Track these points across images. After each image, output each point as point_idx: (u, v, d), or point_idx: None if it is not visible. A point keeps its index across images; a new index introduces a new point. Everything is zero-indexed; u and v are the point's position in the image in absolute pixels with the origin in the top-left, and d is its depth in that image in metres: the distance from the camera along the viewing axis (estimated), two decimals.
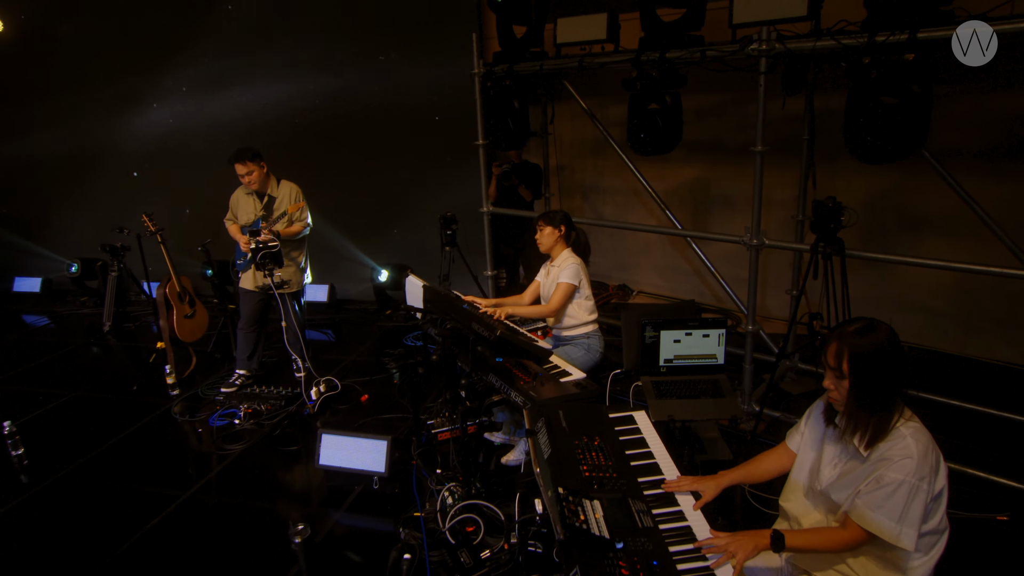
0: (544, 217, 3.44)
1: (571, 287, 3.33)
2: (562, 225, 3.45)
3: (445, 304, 3.11)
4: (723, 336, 2.59)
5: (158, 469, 3.68)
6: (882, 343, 1.65)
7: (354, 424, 4.04)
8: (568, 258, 3.40)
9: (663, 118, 3.56)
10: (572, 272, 3.33)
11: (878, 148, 2.81)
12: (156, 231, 4.76)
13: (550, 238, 3.46)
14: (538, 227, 3.46)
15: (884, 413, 1.68)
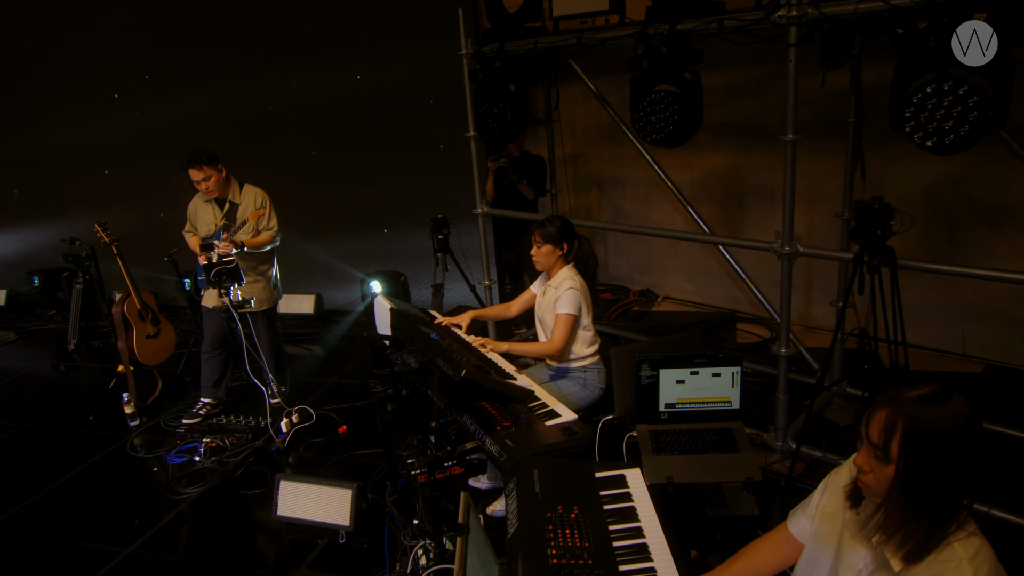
0: (541, 231, 3.15)
1: (572, 319, 3.06)
2: (564, 243, 3.16)
3: (413, 332, 2.88)
4: (738, 376, 2.30)
5: (101, 518, 3.54)
6: (956, 421, 1.27)
7: (327, 462, 3.85)
8: (567, 280, 3.11)
9: (677, 102, 3.25)
10: (572, 300, 3.05)
11: (940, 135, 2.47)
12: (111, 242, 4.64)
13: (549, 258, 3.18)
14: (534, 241, 3.18)
15: (940, 521, 1.30)
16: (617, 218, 6.21)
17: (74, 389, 5.27)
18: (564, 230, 3.16)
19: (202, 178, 4.11)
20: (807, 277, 5.10)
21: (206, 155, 4.06)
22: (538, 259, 3.20)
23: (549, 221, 3.17)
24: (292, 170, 6.11)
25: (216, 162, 4.14)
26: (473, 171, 4.52)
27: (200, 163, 4.06)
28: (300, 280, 6.31)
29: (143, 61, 6.28)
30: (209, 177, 4.11)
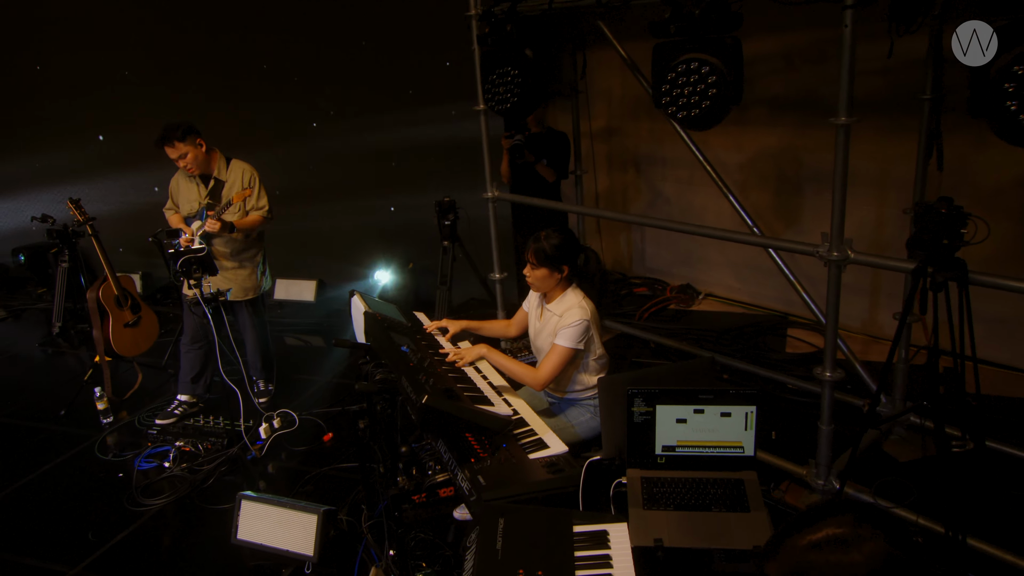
0: (536, 249, 2.86)
1: (570, 353, 2.80)
2: (563, 265, 2.86)
3: (384, 342, 2.71)
4: (753, 417, 2.05)
5: (53, 530, 3.52)
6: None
7: (306, 476, 3.75)
8: (575, 309, 2.82)
9: (713, 74, 2.96)
10: (577, 335, 2.78)
11: None
12: (85, 220, 4.61)
13: (545, 282, 2.90)
14: (527, 260, 2.91)
15: None
16: (656, 202, 5.92)
17: (52, 378, 5.31)
18: (564, 249, 2.86)
19: (178, 156, 4.01)
20: (873, 279, 4.74)
21: (181, 130, 3.94)
22: (532, 282, 2.93)
23: (546, 237, 2.87)
24: (293, 141, 6.02)
25: (195, 136, 4.03)
26: (483, 149, 4.31)
27: (173, 139, 3.95)
28: (301, 264, 6.25)
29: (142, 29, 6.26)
30: (186, 154, 4.01)
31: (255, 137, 6.01)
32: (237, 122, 6.07)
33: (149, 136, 4.02)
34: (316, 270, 6.27)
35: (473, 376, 2.79)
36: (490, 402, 2.50)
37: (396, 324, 3.03)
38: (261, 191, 4.23)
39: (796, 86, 4.73)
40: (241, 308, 4.41)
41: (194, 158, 4.03)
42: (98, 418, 4.49)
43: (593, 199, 6.20)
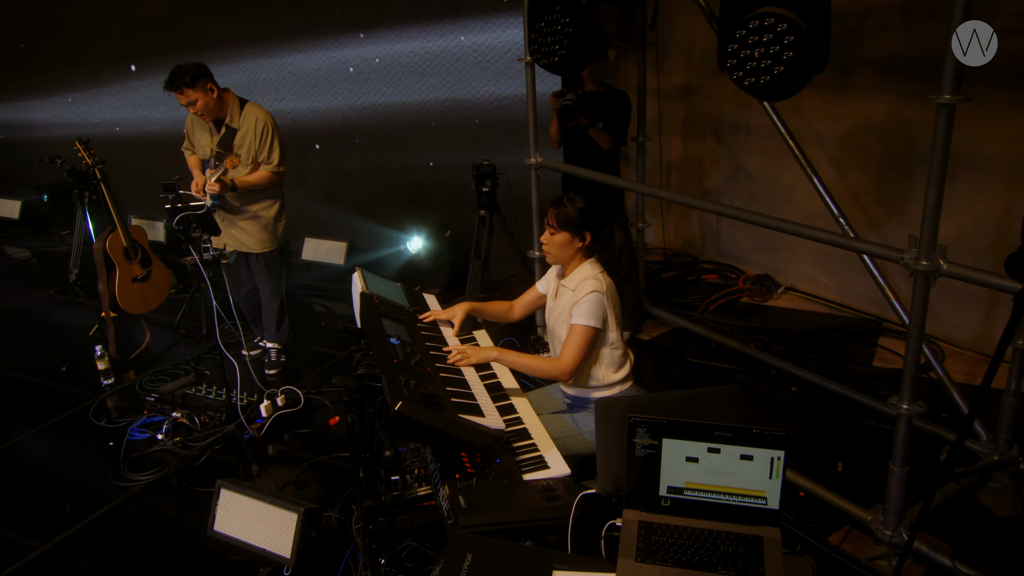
0: (557, 211, 2.75)
1: (591, 332, 2.67)
2: (585, 231, 2.75)
3: (375, 331, 2.62)
4: (780, 464, 1.84)
5: (33, 499, 3.63)
6: None
7: (305, 462, 3.74)
8: (589, 280, 2.71)
9: (792, 32, 2.68)
10: (592, 308, 2.66)
11: None
12: (94, 164, 4.70)
13: (564, 250, 2.79)
14: (546, 225, 2.80)
15: None
16: (736, 177, 5.61)
17: (62, 329, 5.51)
18: (587, 214, 2.75)
19: (187, 102, 4.05)
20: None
21: (190, 75, 3.94)
22: (549, 250, 2.83)
23: (569, 200, 2.77)
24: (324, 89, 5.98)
25: (206, 80, 4.04)
26: (528, 109, 4.12)
27: (181, 85, 3.98)
28: (332, 223, 6.27)
29: None
30: (195, 101, 4.04)
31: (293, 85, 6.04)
32: (272, 66, 6.08)
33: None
34: (348, 231, 6.26)
35: (471, 379, 2.67)
36: (481, 412, 2.37)
37: (394, 309, 2.93)
38: (274, 143, 4.21)
39: (913, 46, 4.31)
40: (254, 260, 4.46)
41: (204, 104, 4.05)
42: (98, 379, 4.61)
43: (663, 169, 5.94)
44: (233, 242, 4.41)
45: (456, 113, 5.62)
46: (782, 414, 3.97)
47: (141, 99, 6.98)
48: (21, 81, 7.78)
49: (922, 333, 2.67)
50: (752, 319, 5.02)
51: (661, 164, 5.79)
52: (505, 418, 2.65)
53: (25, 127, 8.01)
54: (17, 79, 7.78)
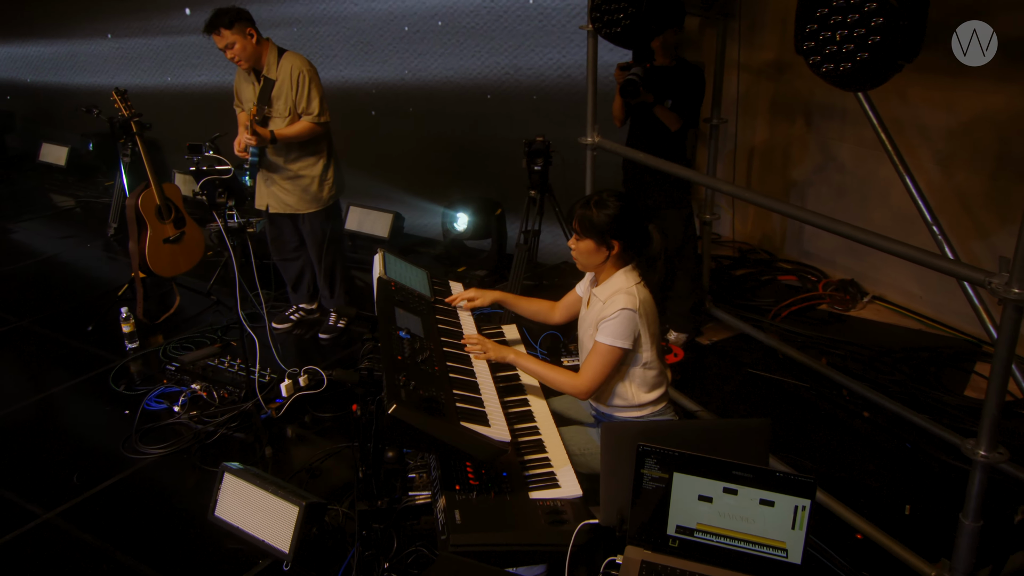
0: (582, 216, 2.64)
1: (615, 353, 2.58)
2: (612, 240, 2.63)
3: (386, 322, 2.60)
4: (806, 513, 1.72)
5: (41, 465, 3.79)
6: None
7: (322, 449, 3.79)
8: (621, 295, 2.60)
9: (881, 12, 2.52)
10: (621, 328, 2.56)
11: None
12: (130, 116, 4.82)
13: (590, 258, 2.69)
14: (572, 230, 2.71)
15: None
16: (827, 168, 5.38)
17: (94, 285, 5.72)
18: (618, 221, 2.61)
19: (225, 45, 4.15)
20: None
21: (228, 16, 4.04)
22: (576, 257, 2.74)
23: (597, 203, 2.63)
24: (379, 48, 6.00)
25: (245, 24, 4.13)
26: (587, 82, 4.02)
27: (219, 26, 4.10)
28: (379, 192, 6.32)
29: None
30: (233, 44, 4.14)
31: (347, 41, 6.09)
32: (326, 18, 6.14)
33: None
34: (395, 202, 6.30)
35: (483, 381, 2.62)
36: (486, 421, 2.33)
37: (412, 298, 2.91)
38: (312, 91, 4.26)
39: None
40: (301, 223, 4.58)
41: (242, 49, 4.14)
42: (123, 342, 4.77)
43: (744, 154, 5.74)
44: (276, 203, 4.51)
45: (514, 81, 5.56)
46: (848, 442, 3.80)
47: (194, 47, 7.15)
48: (70, 24, 8.07)
49: (1009, 368, 2.50)
50: (829, 330, 4.81)
51: (737, 149, 5.59)
52: (519, 427, 2.61)
53: (77, 71, 8.33)
54: (67, 21, 8.08)
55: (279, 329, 4.94)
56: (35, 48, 8.64)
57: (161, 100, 7.63)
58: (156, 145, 7.69)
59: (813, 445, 3.76)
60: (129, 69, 7.78)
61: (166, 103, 7.60)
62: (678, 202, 4.31)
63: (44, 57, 8.58)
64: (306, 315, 4.99)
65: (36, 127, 8.84)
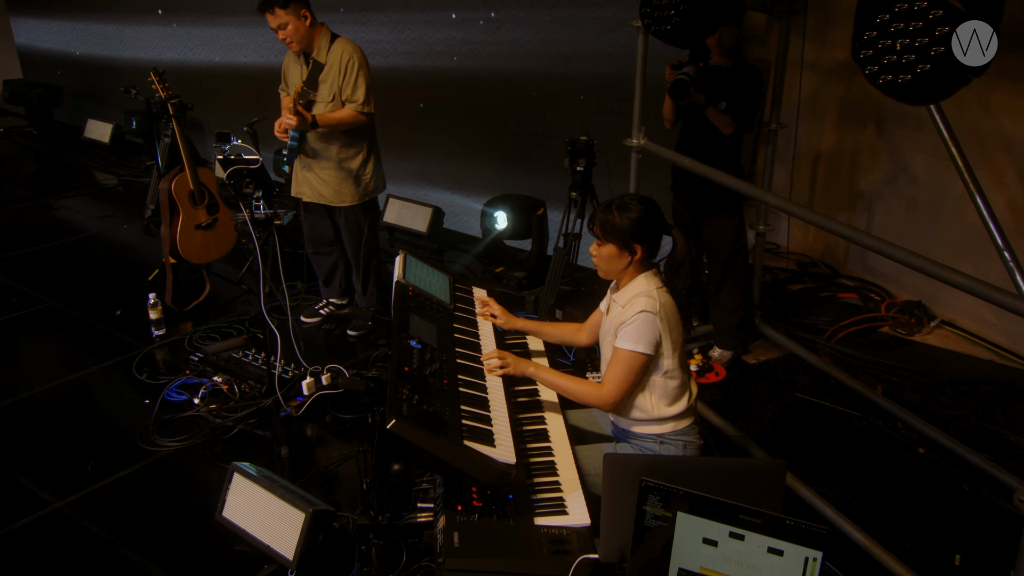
0: (604, 220, 2.64)
1: (638, 359, 2.57)
2: (635, 244, 2.63)
3: (398, 329, 2.62)
4: (817, 566, 1.67)
5: (59, 450, 3.92)
6: None
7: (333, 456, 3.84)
8: (640, 298, 2.60)
9: (948, 19, 2.43)
10: (642, 332, 2.55)
11: None
12: (167, 98, 4.93)
13: (612, 263, 2.69)
14: (593, 234, 2.71)
15: None
16: (897, 179, 5.23)
17: (128, 268, 5.89)
18: (640, 224, 2.61)
19: (278, 25, 4.22)
20: None
21: None
22: (598, 263, 2.74)
23: (620, 206, 2.63)
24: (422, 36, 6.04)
25: (299, 6, 4.21)
26: (636, 80, 3.98)
27: (274, 5, 4.16)
28: (419, 185, 6.36)
29: None
30: (286, 24, 4.21)
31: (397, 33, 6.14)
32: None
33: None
34: (435, 196, 6.34)
35: (495, 397, 2.62)
36: (491, 441, 2.32)
37: (431, 305, 2.92)
38: (359, 79, 4.32)
39: None
40: (337, 216, 4.66)
41: (295, 30, 4.22)
42: (150, 328, 4.90)
43: (810, 159, 5.62)
44: (311, 192, 4.58)
45: (563, 76, 5.53)
46: (899, 480, 3.70)
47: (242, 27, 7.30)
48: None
49: None
50: (889, 355, 4.69)
51: (801, 155, 5.48)
52: (533, 446, 2.61)
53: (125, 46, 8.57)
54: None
55: (308, 323, 5.02)
56: (85, 22, 8.93)
57: (206, 79, 7.81)
58: (198, 126, 7.89)
59: (860, 481, 3.67)
60: (177, 46, 7.97)
61: (211, 83, 7.78)
62: (728, 209, 4.24)
63: (93, 31, 8.86)
64: (336, 310, 5.05)
65: (83, 102, 9.14)
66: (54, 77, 9.47)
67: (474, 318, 3.08)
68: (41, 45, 9.75)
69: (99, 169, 8.24)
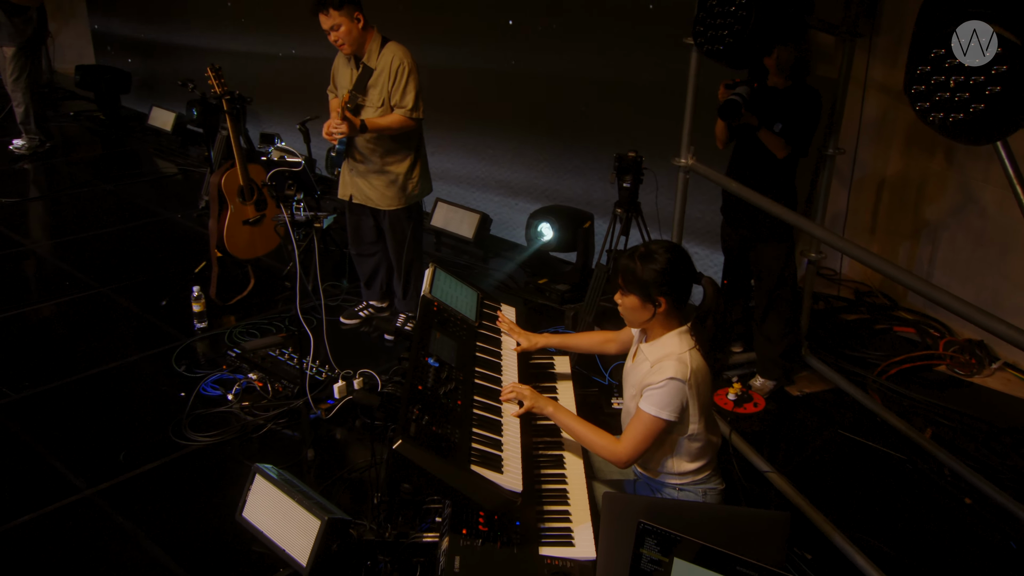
0: (626, 268, 2.57)
1: (659, 425, 2.51)
2: (660, 296, 2.53)
3: (418, 345, 2.64)
4: None
5: (93, 437, 4.06)
6: None
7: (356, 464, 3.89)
8: (669, 361, 2.52)
9: (1003, 62, 2.35)
10: (666, 397, 2.48)
11: None
12: (222, 93, 5.06)
13: (635, 314, 2.62)
14: (617, 284, 2.64)
15: None
16: (964, 210, 5.08)
17: (177, 258, 6.05)
18: (666, 276, 2.52)
19: (330, 26, 4.29)
20: None
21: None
22: (622, 312, 2.67)
23: (643, 255, 2.54)
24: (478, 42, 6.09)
25: (353, 8, 4.28)
26: (687, 98, 3.94)
27: (328, 6, 4.22)
28: (468, 191, 6.40)
29: None
30: (339, 26, 4.27)
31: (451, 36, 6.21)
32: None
33: None
34: (482, 202, 6.38)
35: (509, 422, 2.62)
36: (499, 467, 2.33)
37: (455, 321, 2.94)
38: (409, 84, 4.38)
39: None
40: (382, 219, 4.74)
41: (347, 32, 4.29)
42: (192, 320, 5.03)
43: (874, 185, 5.49)
44: (358, 195, 4.68)
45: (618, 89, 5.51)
46: (941, 531, 3.59)
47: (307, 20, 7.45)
48: None
49: None
50: (944, 396, 4.55)
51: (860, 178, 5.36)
52: (546, 472, 2.62)
53: (193, 35, 8.83)
54: None
55: (347, 324, 5.10)
56: (156, 11, 9.21)
57: (269, 72, 7.98)
58: (257, 118, 8.06)
59: (898, 529, 3.58)
60: (243, 38, 8.16)
61: (273, 76, 7.94)
62: (779, 235, 4.17)
63: (164, 20, 9.14)
64: (375, 313, 5.12)
65: (149, 90, 9.43)
66: (125, 64, 9.79)
67: (498, 337, 3.09)
68: (114, 32, 10.10)
69: (161, 157, 8.50)
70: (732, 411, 4.26)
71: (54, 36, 10.51)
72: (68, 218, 6.92)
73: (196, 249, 6.21)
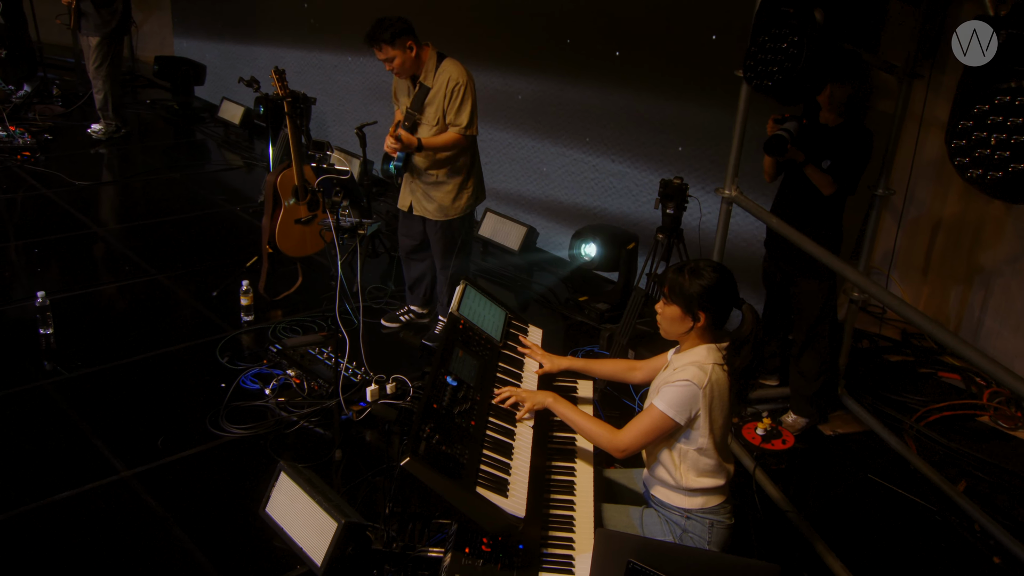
0: (673, 283, 2.64)
1: (665, 422, 2.56)
2: (700, 310, 2.60)
3: (438, 362, 2.70)
4: None
5: (136, 421, 4.21)
6: None
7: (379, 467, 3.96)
8: (691, 368, 2.58)
9: None
10: (678, 397, 2.54)
11: None
12: (284, 96, 5.20)
13: (675, 325, 2.68)
14: (661, 294, 2.71)
15: None
16: (1020, 259, 4.93)
17: (232, 251, 6.22)
18: (710, 293, 2.59)
19: (385, 59, 4.43)
20: None
21: (390, 31, 4.28)
22: (661, 322, 2.73)
23: (692, 270, 2.62)
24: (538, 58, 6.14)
25: (405, 39, 4.36)
26: (735, 130, 3.93)
27: (381, 42, 4.33)
28: (517, 203, 6.46)
29: None
30: (393, 59, 4.40)
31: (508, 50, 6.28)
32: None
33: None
34: (530, 216, 6.43)
35: (521, 444, 2.65)
36: (504, 491, 2.36)
37: (479, 340, 2.98)
38: (465, 102, 4.45)
39: None
40: (432, 228, 4.83)
41: (401, 64, 4.41)
42: (239, 313, 5.18)
43: (930, 225, 5.38)
44: (418, 206, 4.80)
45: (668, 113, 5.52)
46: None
47: None
48: None
49: None
50: (983, 448, 4.43)
51: (916, 217, 5.26)
52: (556, 497, 2.64)
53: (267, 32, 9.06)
54: None
55: (388, 328, 5.19)
56: (234, 5, 9.48)
57: (338, 73, 8.14)
58: (322, 119, 8.24)
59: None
60: (315, 36, 8.34)
61: (343, 77, 8.10)
62: (821, 272, 4.12)
63: (241, 16, 9.38)
64: (416, 318, 5.20)
65: (222, 83, 9.69)
66: (201, 56, 10.09)
67: (521, 358, 3.12)
68: (194, 25, 10.41)
69: (228, 149, 8.75)
70: (759, 446, 4.22)
71: (138, 26, 10.87)
72: (135, 203, 7.19)
73: (251, 243, 6.37)
